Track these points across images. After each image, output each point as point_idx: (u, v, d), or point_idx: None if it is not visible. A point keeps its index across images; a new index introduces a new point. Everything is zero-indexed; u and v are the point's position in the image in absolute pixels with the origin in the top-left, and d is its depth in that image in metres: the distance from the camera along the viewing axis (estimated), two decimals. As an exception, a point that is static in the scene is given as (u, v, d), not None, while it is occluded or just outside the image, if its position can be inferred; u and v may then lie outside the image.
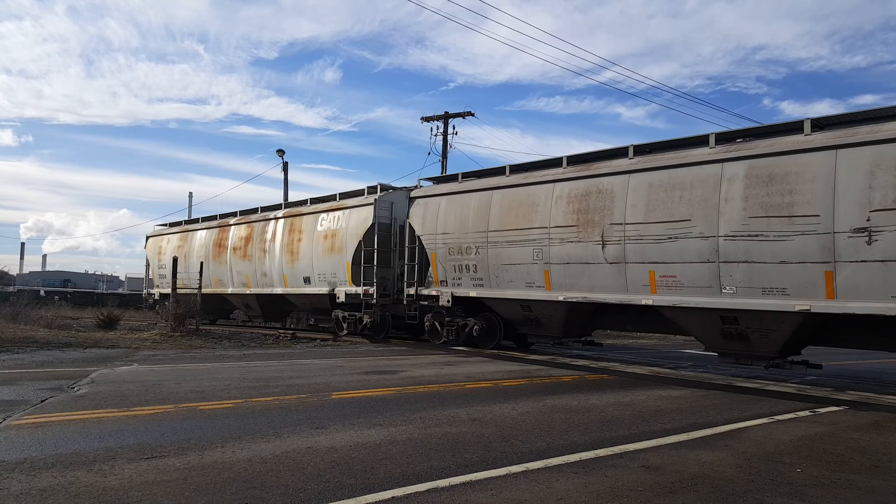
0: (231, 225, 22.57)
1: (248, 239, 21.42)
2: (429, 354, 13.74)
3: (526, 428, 6.18)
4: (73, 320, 22.38)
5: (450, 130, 28.50)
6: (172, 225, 27.30)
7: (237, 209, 23.85)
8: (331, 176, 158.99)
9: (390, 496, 3.95)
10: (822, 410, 7.82)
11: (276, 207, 21.31)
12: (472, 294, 14.51)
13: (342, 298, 17.47)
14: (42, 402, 6.90)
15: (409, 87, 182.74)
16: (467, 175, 15.56)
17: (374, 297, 16.67)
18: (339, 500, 3.88)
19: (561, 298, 12.58)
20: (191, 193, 49.92)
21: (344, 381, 9.18)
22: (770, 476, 4.68)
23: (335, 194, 19.09)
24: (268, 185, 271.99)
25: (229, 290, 22.37)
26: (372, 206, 16.73)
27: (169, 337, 16.12)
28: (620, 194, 11.64)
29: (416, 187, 17.21)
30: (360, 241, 16.80)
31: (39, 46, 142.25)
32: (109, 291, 55.63)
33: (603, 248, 11.81)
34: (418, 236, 15.83)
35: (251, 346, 15.41)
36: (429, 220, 15.53)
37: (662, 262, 10.98)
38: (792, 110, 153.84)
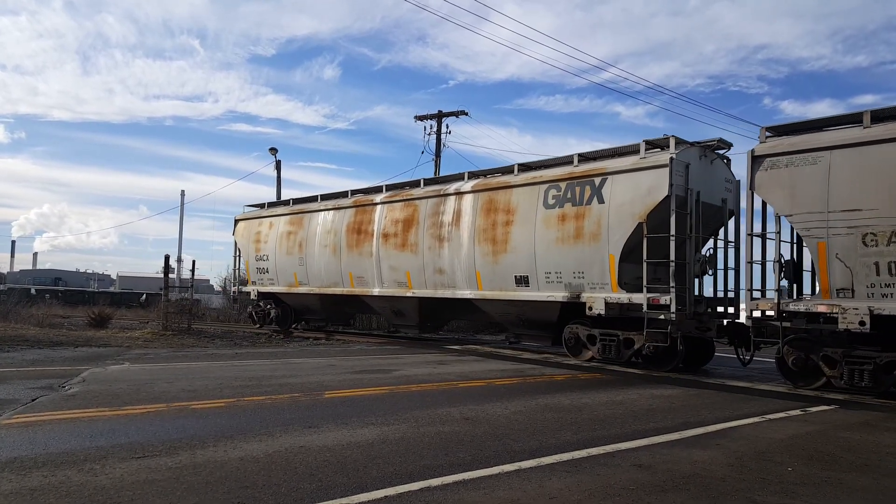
0: (377, 204, 16.77)
1: (408, 222, 15.77)
2: (421, 353, 13.74)
3: (518, 427, 6.19)
4: (64, 319, 22.24)
5: (444, 129, 28.48)
6: (272, 205, 21.05)
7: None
8: (327, 174, 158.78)
9: (383, 495, 3.95)
10: (813, 409, 7.87)
11: (457, 178, 15.58)
12: None
13: (599, 309, 12.00)
14: (33, 400, 6.86)
15: (408, 85, 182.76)
16: (880, 115, 9.50)
17: (673, 309, 11.19)
18: (332, 499, 3.87)
19: None
20: (183, 192, 49.60)
21: (337, 380, 9.17)
22: (761, 475, 4.70)
23: (571, 155, 13.32)
24: (262, 184, 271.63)
25: (374, 292, 16.60)
26: (666, 170, 11.18)
27: (160, 336, 16.07)
28: None
29: (718, 147, 12.26)
30: (639, 223, 11.48)
31: (35, 42, 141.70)
32: (101, 290, 55.46)
33: None
34: (781, 217, 10.45)
35: (243, 344, 15.37)
36: (806, 189, 9.99)
37: None
38: (792, 110, 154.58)
